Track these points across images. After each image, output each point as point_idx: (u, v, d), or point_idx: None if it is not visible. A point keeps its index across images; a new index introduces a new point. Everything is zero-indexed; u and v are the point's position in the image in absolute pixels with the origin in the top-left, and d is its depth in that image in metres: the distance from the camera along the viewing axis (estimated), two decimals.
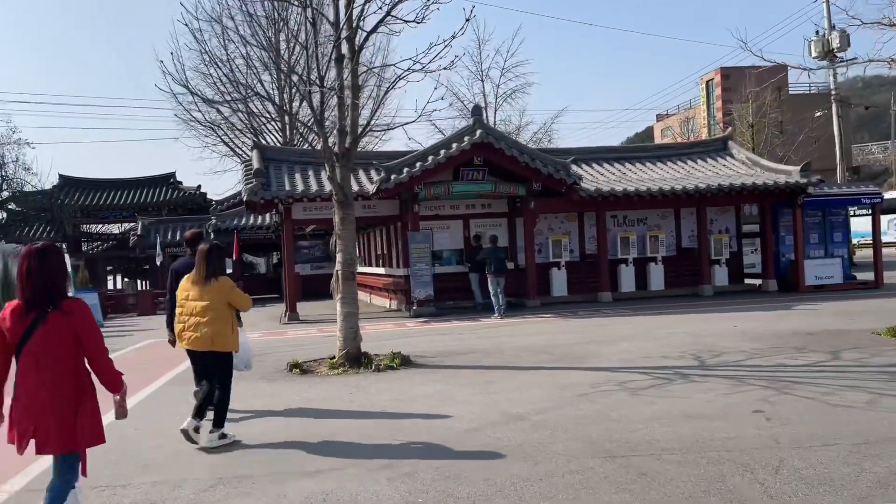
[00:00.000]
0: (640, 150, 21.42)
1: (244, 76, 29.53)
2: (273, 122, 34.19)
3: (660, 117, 68.85)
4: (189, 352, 6.01)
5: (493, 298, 15.19)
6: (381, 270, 20.80)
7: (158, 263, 27.12)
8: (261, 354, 10.08)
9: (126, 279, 40.04)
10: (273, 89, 30.37)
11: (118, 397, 3.88)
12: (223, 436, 5.78)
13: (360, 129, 9.72)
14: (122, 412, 3.91)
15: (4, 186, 36.62)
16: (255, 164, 17.16)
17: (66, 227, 36.05)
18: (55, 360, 3.67)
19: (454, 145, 16.09)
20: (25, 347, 3.67)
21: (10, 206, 36.05)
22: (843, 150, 30.91)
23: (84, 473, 3.85)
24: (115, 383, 3.85)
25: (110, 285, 38.25)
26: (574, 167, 17.39)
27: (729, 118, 44.37)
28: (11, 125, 69.68)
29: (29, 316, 3.68)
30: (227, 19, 29.34)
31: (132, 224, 32.97)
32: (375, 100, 19.13)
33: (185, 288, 5.88)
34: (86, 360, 3.80)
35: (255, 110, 33.82)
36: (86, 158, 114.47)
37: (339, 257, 9.44)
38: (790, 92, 49.26)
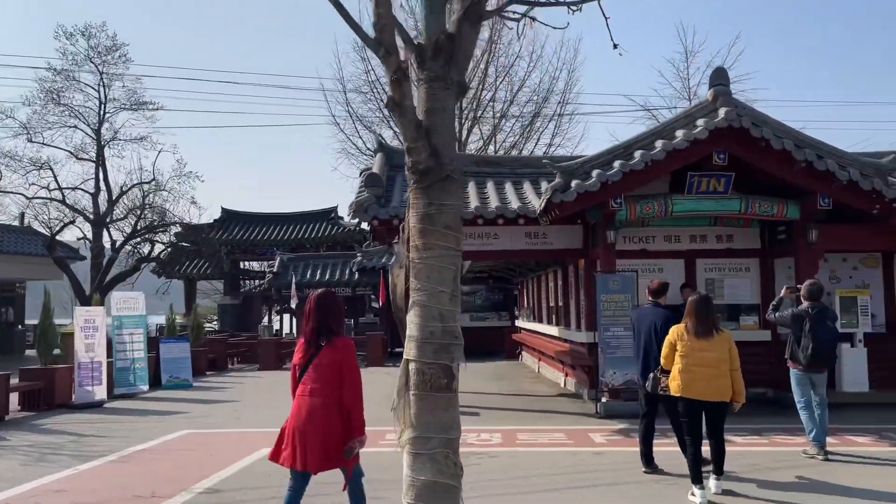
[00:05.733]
0: None
1: None
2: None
3: None
4: (691, 402, 5.85)
5: (801, 413, 7.35)
6: (552, 330, 14.53)
7: (293, 305, 23.01)
8: None
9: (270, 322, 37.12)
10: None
11: (358, 440, 4.10)
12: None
13: None
14: (355, 454, 4.14)
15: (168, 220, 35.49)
16: (376, 171, 11.93)
17: (225, 263, 34.11)
18: (325, 387, 4.10)
19: (679, 133, 9.68)
20: (304, 377, 4.22)
21: (176, 242, 34.78)
22: None
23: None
24: (360, 425, 4.11)
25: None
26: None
27: None
28: (178, 156, 72.17)
29: (309, 349, 4.24)
30: None
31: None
32: None
33: (685, 338, 5.91)
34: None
35: None
36: (241, 192, 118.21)
37: (411, 322, 3.44)
38: None
